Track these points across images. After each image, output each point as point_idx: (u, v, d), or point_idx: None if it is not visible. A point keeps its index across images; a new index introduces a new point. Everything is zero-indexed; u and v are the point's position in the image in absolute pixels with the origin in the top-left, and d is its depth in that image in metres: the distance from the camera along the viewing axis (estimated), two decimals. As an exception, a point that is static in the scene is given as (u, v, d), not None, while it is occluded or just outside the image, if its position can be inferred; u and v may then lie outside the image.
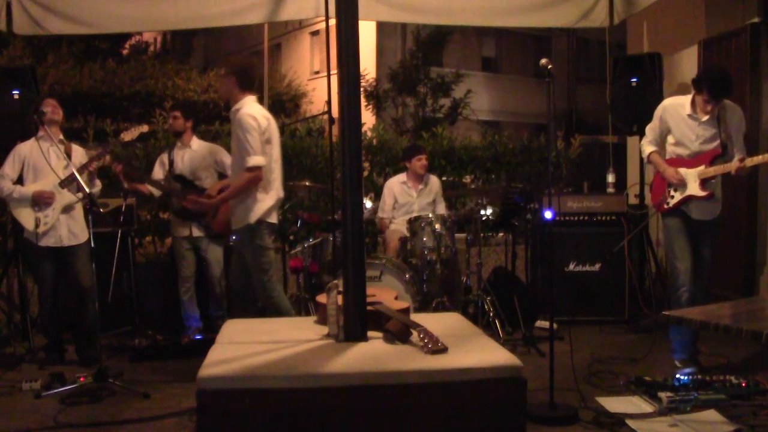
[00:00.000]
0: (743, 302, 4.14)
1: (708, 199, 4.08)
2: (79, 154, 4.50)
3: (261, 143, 3.96)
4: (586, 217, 5.60)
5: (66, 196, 4.39)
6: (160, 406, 3.65)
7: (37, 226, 4.27)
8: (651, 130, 4.33)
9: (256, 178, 3.97)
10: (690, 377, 3.64)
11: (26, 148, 4.40)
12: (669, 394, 3.50)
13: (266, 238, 4.09)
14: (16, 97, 4.98)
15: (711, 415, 3.38)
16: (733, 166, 3.93)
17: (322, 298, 3.11)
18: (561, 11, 5.59)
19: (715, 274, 5.26)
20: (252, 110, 4.00)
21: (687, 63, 5.97)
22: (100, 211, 4.49)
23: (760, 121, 5.30)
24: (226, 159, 4.89)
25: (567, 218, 5.60)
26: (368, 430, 2.44)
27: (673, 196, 4.17)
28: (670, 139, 4.23)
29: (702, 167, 4.06)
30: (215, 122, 9.31)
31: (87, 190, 3.96)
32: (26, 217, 4.32)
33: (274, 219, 4.15)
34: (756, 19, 5.31)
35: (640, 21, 6.52)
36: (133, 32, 18.32)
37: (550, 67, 3.52)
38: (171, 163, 4.97)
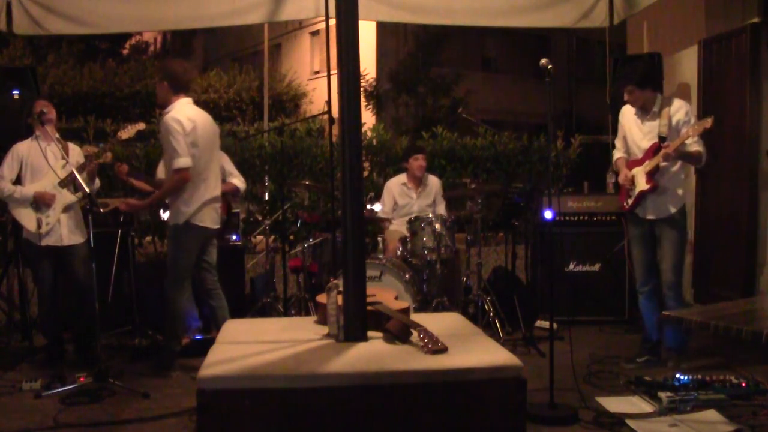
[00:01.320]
0: (743, 302, 4.14)
1: (652, 191, 4.14)
2: (75, 153, 4.49)
3: (186, 145, 4.04)
4: (586, 217, 5.61)
5: (66, 196, 4.38)
6: (160, 406, 3.64)
7: (39, 226, 4.26)
8: (617, 137, 4.47)
9: (183, 179, 4.06)
10: (690, 377, 3.64)
11: (23, 149, 4.38)
12: (669, 394, 3.51)
13: (190, 242, 4.16)
14: (16, 97, 4.98)
15: (711, 415, 3.38)
16: (661, 153, 4.05)
17: (322, 298, 3.11)
18: (561, 11, 5.59)
19: (715, 274, 5.28)
20: (178, 114, 4.07)
21: (687, 63, 5.96)
22: (100, 211, 4.48)
23: (759, 121, 5.29)
24: (226, 164, 4.89)
25: (567, 218, 5.60)
26: (368, 430, 2.44)
27: (630, 196, 4.29)
28: (628, 142, 4.34)
29: (647, 162, 4.16)
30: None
31: (87, 189, 3.96)
32: (27, 218, 4.30)
33: (206, 222, 4.18)
34: (756, 19, 5.30)
35: (640, 21, 6.51)
36: (133, 32, 18.38)
37: (550, 67, 3.53)
38: None
